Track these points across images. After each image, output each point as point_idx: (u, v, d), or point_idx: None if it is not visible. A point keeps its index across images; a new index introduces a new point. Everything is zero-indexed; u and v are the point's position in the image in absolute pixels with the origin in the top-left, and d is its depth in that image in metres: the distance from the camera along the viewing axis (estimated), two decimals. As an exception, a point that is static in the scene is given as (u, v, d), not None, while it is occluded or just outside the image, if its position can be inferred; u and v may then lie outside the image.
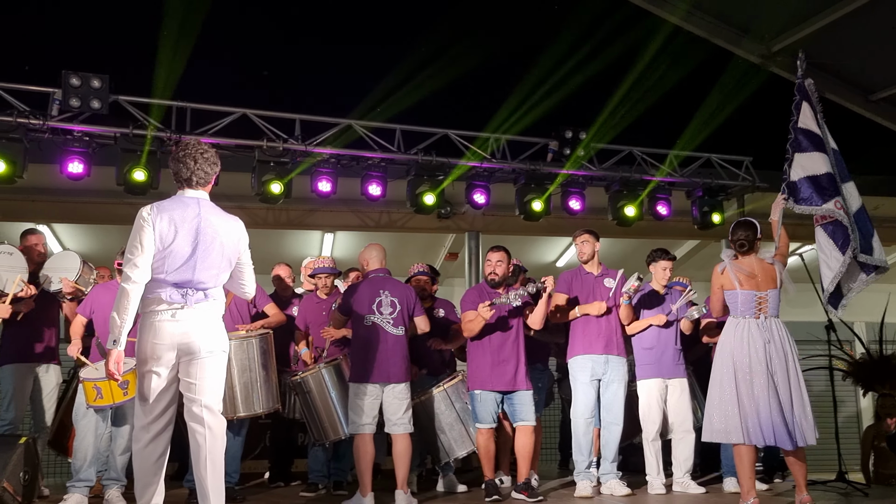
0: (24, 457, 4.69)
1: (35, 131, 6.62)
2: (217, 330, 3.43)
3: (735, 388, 4.23)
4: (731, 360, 4.29)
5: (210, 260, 3.39)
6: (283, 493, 5.54)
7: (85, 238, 9.21)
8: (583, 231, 5.46)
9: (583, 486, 5.15)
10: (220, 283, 3.48)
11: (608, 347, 5.20)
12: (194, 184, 3.51)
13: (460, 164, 7.53)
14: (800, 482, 4.31)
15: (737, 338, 4.31)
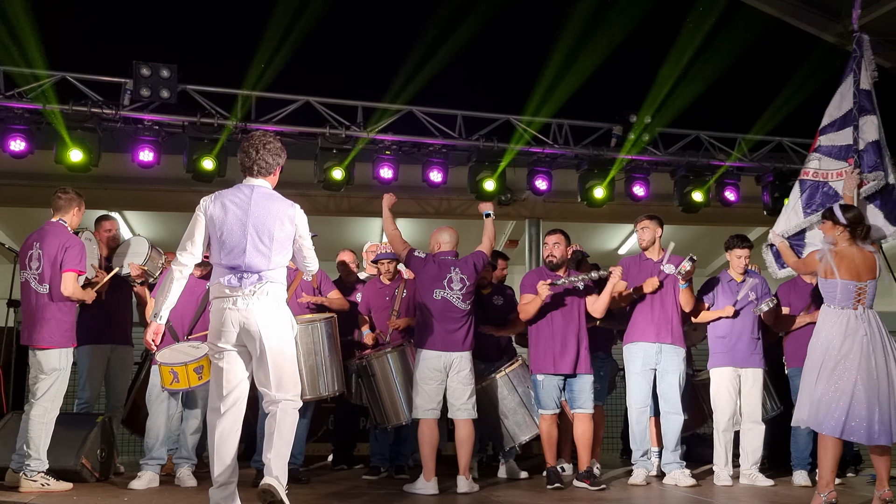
0: (101, 435, 4.90)
1: (108, 121, 6.85)
2: (275, 313, 3.47)
3: (829, 380, 4.05)
4: (826, 350, 4.10)
5: (261, 244, 3.47)
6: (346, 476, 5.62)
7: (154, 225, 9.52)
8: (644, 217, 5.35)
9: (637, 473, 5.11)
10: (276, 266, 3.51)
11: (661, 336, 5.10)
12: (255, 173, 3.60)
13: (534, 152, 7.44)
14: (883, 476, 4.13)
15: (836, 329, 4.12)
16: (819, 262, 4.24)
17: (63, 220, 4.66)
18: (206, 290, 4.99)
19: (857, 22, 5.04)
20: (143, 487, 4.67)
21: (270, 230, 3.48)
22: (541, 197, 7.93)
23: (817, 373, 4.09)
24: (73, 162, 6.71)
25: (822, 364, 4.07)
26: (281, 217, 3.54)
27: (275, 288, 3.49)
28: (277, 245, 3.50)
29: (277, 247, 3.50)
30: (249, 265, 3.44)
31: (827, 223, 4.30)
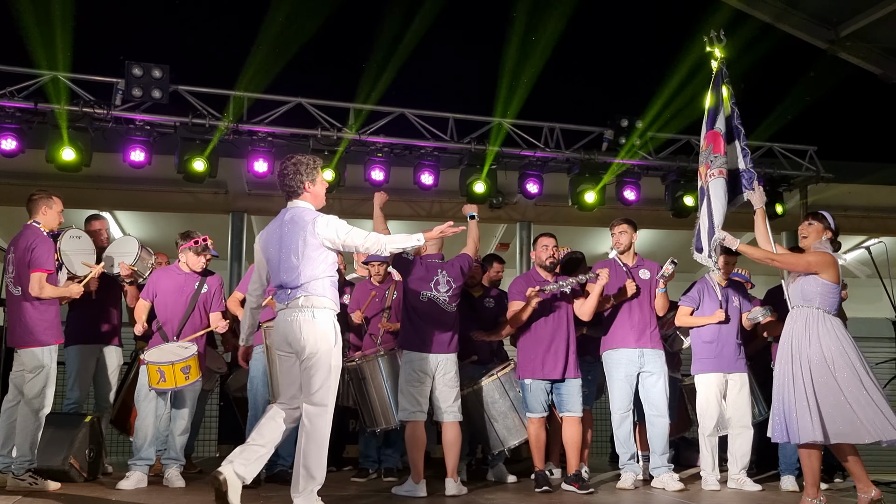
0: (90, 435, 4.89)
1: (99, 120, 6.83)
2: (309, 324, 3.64)
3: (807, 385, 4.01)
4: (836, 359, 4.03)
5: (289, 261, 3.70)
6: (335, 478, 5.60)
7: (145, 225, 9.50)
8: (621, 220, 5.35)
9: (625, 478, 5.11)
10: (308, 280, 3.67)
11: (641, 341, 5.11)
12: (287, 196, 3.84)
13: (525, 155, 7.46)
14: (864, 477, 4.11)
15: (843, 335, 4.07)
16: (833, 265, 4.13)
17: (36, 222, 4.67)
18: (194, 290, 4.99)
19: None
20: (132, 488, 4.66)
21: (295, 247, 3.69)
22: (532, 200, 7.94)
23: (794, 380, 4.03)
24: (65, 161, 6.70)
25: (835, 375, 3.96)
26: (303, 232, 3.70)
27: (310, 300, 3.65)
28: (305, 259, 3.68)
29: (305, 261, 3.67)
30: (285, 282, 3.71)
31: (816, 225, 4.28)
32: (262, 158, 7.14)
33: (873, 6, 7.73)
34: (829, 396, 3.91)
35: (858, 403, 3.89)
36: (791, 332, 4.12)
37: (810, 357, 4.00)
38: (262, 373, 5.02)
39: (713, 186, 4.72)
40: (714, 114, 4.93)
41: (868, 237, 8.80)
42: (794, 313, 4.18)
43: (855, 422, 3.88)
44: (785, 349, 4.12)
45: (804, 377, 3.98)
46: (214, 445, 7.27)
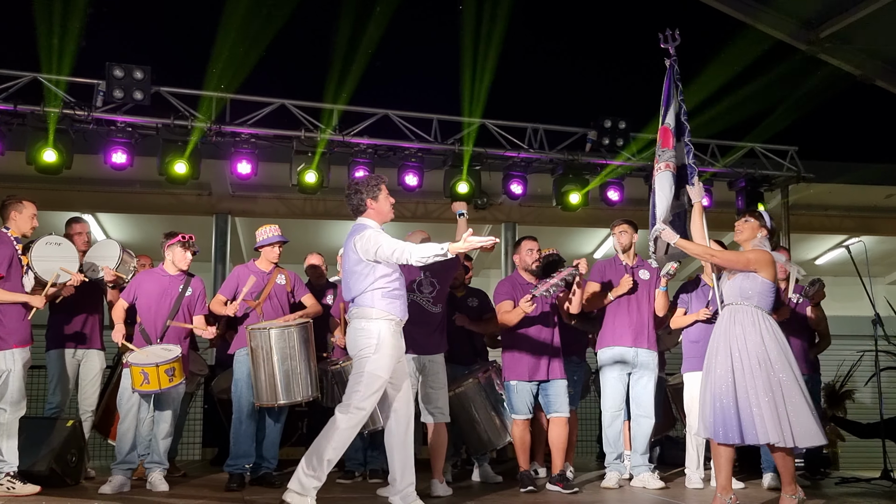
0: (71, 439, 4.83)
1: (80, 122, 6.77)
2: (355, 334, 3.92)
3: (748, 383, 3.91)
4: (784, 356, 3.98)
5: (344, 276, 4.07)
6: (320, 480, 5.59)
7: (128, 227, 9.44)
8: (622, 221, 5.39)
9: (610, 476, 5.13)
10: (357, 293, 3.94)
11: (637, 340, 5.14)
12: (353, 214, 4.12)
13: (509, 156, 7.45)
14: (792, 479, 4.03)
15: (780, 334, 4.06)
16: (771, 264, 4.07)
17: (6, 227, 4.63)
18: (179, 293, 4.96)
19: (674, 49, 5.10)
20: (114, 492, 4.62)
21: (345, 263, 4.03)
22: (516, 201, 7.96)
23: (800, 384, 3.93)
24: (46, 163, 6.63)
25: (777, 376, 3.89)
26: (347, 249, 3.99)
27: (360, 312, 3.92)
28: (351, 275, 3.97)
29: (352, 276, 3.97)
30: (346, 296, 4.05)
31: (752, 223, 4.20)
32: (246, 160, 7.11)
33: (852, 8, 7.81)
34: (766, 396, 3.83)
35: (794, 405, 3.83)
36: (727, 330, 4.01)
37: (751, 355, 3.90)
38: (246, 375, 4.99)
39: (658, 180, 4.76)
40: (665, 110, 4.96)
41: (848, 236, 8.93)
42: (730, 311, 4.06)
43: (786, 423, 3.81)
44: (720, 346, 4.00)
45: (745, 375, 3.88)
46: (199, 448, 7.23)
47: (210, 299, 5.28)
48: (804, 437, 3.82)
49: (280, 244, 5.24)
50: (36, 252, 4.80)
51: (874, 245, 9.77)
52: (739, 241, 4.23)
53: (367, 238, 3.91)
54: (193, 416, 6.66)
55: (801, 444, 3.84)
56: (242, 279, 5.12)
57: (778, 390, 3.85)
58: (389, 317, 3.91)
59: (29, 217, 4.69)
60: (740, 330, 3.97)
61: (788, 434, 3.80)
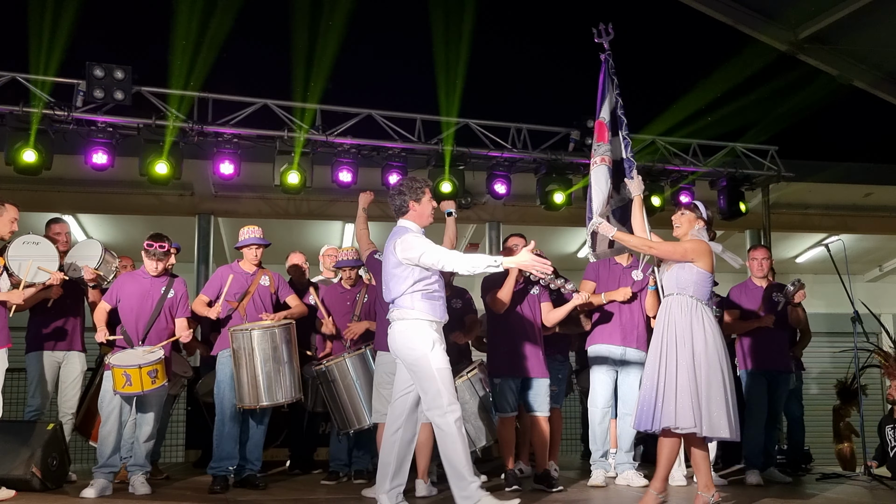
0: (52, 443, 4.77)
1: (60, 122, 6.70)
2: (398, 336, 3.92)
3: (690, 373, 3.90)
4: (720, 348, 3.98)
5: (384, 277, 4.03)
6: (305, 481, 5.58)
7: (110, 228, 9.34)
8: None
9: (596, 475, 5.16)
10: (397, 294, 3.92)
11: (627, 340, 5.16)
12: (396, 216, 4.11)
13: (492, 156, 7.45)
14: (709, 476, 3.99)
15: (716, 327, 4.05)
16: (708, 254, 4.05)
17: None
18: (161, 295, 4.92)
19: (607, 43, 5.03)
20: (96, 496, 4.58)
21: (385, 265, 4.02)
22: (500, 201, 7.98)
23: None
24: (25, 163, 6.54)
25: (719, 367, 3.87)
26: (388, 251, 3.99)
27: (400, 313, 3.92)
28: (391, 277, 3.95)
29: (392, 279, 3.95)
30: (386, 297, 4.04)
31: (688, 215, 4.18)
32: (228, 160, 7.06)
33: (830, 9, 7.91)
34: (690, 386, 3.81)
35: (712, 397, 3.81)
36: (667, 321, 3.99)
37: (693, 346, 3.87)
38: (228, 377, 4.96)
39: (595, 174, 4.69)
40: (600, 104, 4.92)
41: (828, 234, 9.04)
42: (669, 301, 4.06)
43: (699, 413, 3.79)
44: (661, 338, 3.98)
45: (687, 365, 3.85)
46: (182, 451, 7.18)
47: (192, 300, 5.24)
48: (715, 428, 3.79)
49: (259, 247, 5.18)
50: (12, 252, 4.74)
51: (853, 243, 9.91)
52: (678, 235, 4.21)
53: (409, 243, 3.90)
54: (176, 417, 6.61)
55: (709, 433, 3.81)
56: (226, 280, 5.09)
57: (702, 381, 3.82)
58: (430, 318, 3.92)
59: (9, 221, 4.64)
60: (674, 320, 3.97)
61: (699, 423, 3.77)
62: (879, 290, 11.43)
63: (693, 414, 3.78)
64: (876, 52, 8.51)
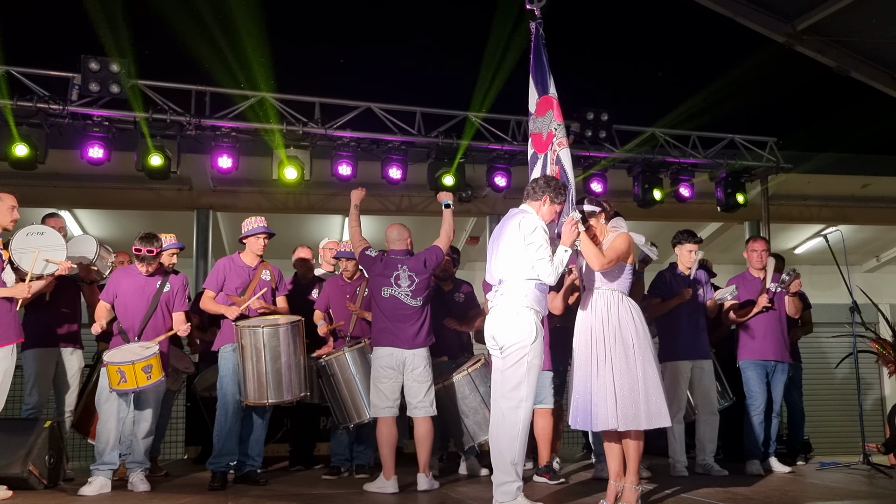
0: (49, 440, 4.74)
1: (55, 116, 6.64)
2: (504, 319, 3.78)
3: (609, 369, 3.85)
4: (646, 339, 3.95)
5: (496, 259, 3.90)
6: (306, 477, 5.57)
7: (106, 223, 9.29)
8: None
9: (601, 468, 5.14)
10: (511, 278, 3.79)
11: None
12: (524, 197, 3.99)
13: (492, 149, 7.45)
14: (637, 468, 3.93)
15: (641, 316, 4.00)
16: (631, 244, 4.02)
17: None
18: (156, 290, 4.88)
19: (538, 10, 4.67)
20: (94, 493, 4.55)
21: (502, 244, 3.86)
22: (501, 193, 7.96)
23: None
24: (17, 157, 6.49)
25: (635, 359, 3.84)
26: (509, 229, 3.85)
27: (508, 297, 3.79)
28: (511, 258, 3.80)
29: (511, 260, 3.80)
30: (492, 279, 3.91)
31: (596, 220, 4.05)
32: (227, 154, 7.02)
33: (828, 1, 7.88)
34: (627, 381, 3.78)
35: (647, 388, 3.78)
36: (594, 316, 3.93)
37: (623, 339, 3.84)
38: (232, 372, 4.92)
39: (564, 157, 4.36)
40: (543, 77, 4.61)
41: (826, 225, 9.04)
42: (592, 296, 3.97)
43: (638, 406, 3.76)
44: (585, 333, 3.94)
45: (622, 361, 3.81)
46: (181, 447, 7.15)
47: (193, 295, 5.20)
48: (655, 418, 3.77)
49: (266, 236, 5.12)
50: (16, 244, 4.64)
51: (851, 234, 9.91)
52: (601, 238, 4.05)
53: (534, 230, 3.75)
54: (176, 414, 6.57)
55: (649, 425, 3.78)
56: (228, 271, 5.04)
57: (639, 373, 3.79)
58: (538, 308, 3.81)
59: (8, 209, 4.56)
60: (598, 316, 3.91)
61: (639, 418, 3.75)
62: (877, 279, 11.46)
63: (632, 411, 3.75)
64: (873, 43, 8.48)
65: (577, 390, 3.93)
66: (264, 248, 5.13)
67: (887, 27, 8.16)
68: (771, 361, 5.51)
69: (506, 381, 3.79)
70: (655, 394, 3.80)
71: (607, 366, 3.82)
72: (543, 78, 4.62)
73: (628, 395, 3.77)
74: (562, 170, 4.38)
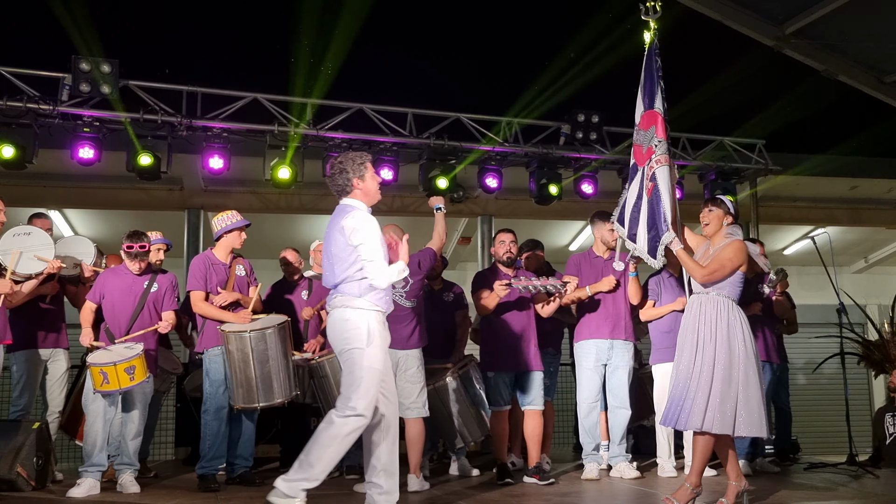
0: (38, 442, 4.72)
1: (45, 116, 6.61)
2: (336, 326, 3.60)
3: (713, 373, 3.88)
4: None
5: (326, 261, 3.69)
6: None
7: (97, 223, 9.24)
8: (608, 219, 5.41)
9: (590, 468, 5.18)
10: (341, 279, 3.61)
11: (615, 332, 5.19)
12: (338, 196, 3.77)
13: (475, 148, 7.49)
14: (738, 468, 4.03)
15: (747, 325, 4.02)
16: (746, 254, 3.99)
17: None
18: (143, 290, 4.87)
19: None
20: (83, 495, 4.52)
21: (329, 246, 3.66)
22: (492, 194, 7.98)
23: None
24: (4, 158, 6.47)
25: (739, 366, 3.85)
26: (336, 231, 3.63)
27: (343, 300, 3.60)
28: (337, 260, 3.62)
29: (337, 262, 3.61)
30: (326, 282, 3.71)
31: (716, 211, 4.08)
32: (218, 154, 7.00)
33: (816, 4, 7.94)
34: (726, 387, 3.80)
35: (746, 395, 3.80)
36: (702, 320, 3.93)
37: (730, 345, 3.86)
38: (220, 376, 4.89)
39: (661, 175, 4.32)
40: (651, 91, 4.61)
41: (815, 226, 9.12)
42: (700, 300, 3.98)
43: (733, 412, 3.78)
44: (686, 337, 3.95)
45: (724, 366, 3.83)
46: (171, 448, 7.13)
47: (182, 296, 5.18)
48: (751, 427, 3.79)
49: (243, 229, 5.08)
50: (2, 245, 4.64)
51: (839, 235, 10.00)
52: (708, 232, 4.12)
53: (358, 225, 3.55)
54: (166, 414, 6.56)
55: (746, 433, 3.82)
56: (209, 269, 4.98)
57: (735, 381, 3.82)
58: (376, 307, 3.61)
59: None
60: (706, 320, 3.94)
61: (732, 424, 3.78)
62: (865, 281, 11.55)
63: (726, 416, 3.77)
64: (861, 46, 8.56)
65: (674, 391, 3.93)
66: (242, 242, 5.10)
67: (875, 31, 8.24)
68: (760, 362, 5.54)
69: (346, 387, 3.53)
70: (755, 403, 3.80)
71: (709, 370, 3.83)
72: (652, 91, 4.60)
73: (726, 400, 3.78)
74: (655, 187, 4.32)
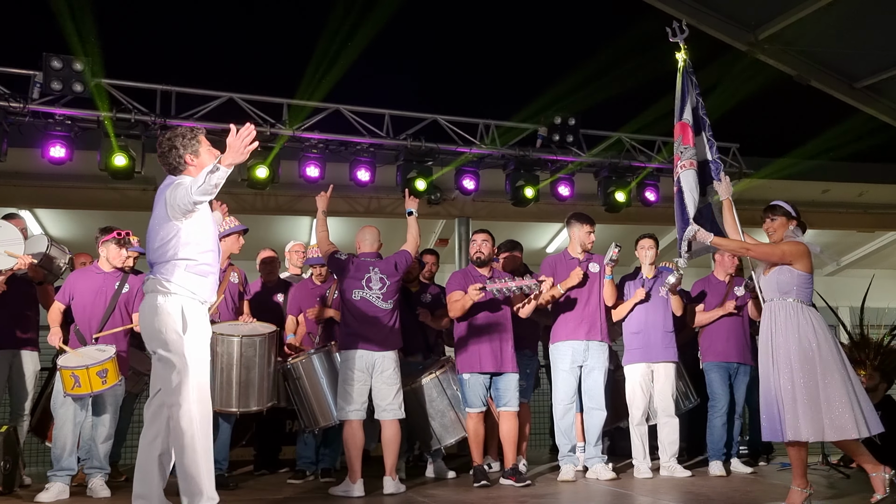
0: (5, 446, 4.62)
1: (15, 115, 6.50)
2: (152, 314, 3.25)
3: (793, 380, 3.85)
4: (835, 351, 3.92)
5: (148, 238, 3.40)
6: (271, 481, 5.51)
7: (69, 223, 9.10)
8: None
9: (566, 470, 5.19)
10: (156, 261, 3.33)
11: (590, 333, 5.21)
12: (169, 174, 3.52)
13: (452, 150, 7.50)
14: (870, 458, 3.97)
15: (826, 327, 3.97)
16: (806, 255, 3.97)
17: None
18: (115, 290, 4.79)
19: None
20: (52, 500, 4.44)
21: (151, 222, 3.39)
22: (469, 196, 7.99)
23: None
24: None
25: (816, 369, 3.82)
26: (158, 206, 3.36)
27: (155, 283, 3.30)
28: (154, 237, 3.32)
29: (155, 239, 3.32)
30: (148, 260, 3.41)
31: (779, 220, 4.11)
32: (192, 155, 6.92)
33: (788, 10, 8.06)
34: (808, 392, 3.76)
35: (830, 399, 3.75)
36: (774, 328, 3.92)
37: (802, 350, 3.82)
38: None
39: (684, 178, 4.69)
40: (682, 105, 4.93)
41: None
42: (771, 307, 3.98)
43: (820, 418, 3.75)
44: (764, 346, 3.95)
45: (800, 372, 3.80)
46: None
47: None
48: (840, 430, 3.74)
49: (241, 234, 5.06)
50: None
51: (812, 238, 10.00)
52: (775, 241, 4.10)
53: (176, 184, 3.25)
54: (137, 417, 6.45)
55: (836, 437, 3.79)
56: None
57: (819, 384, 3.77)
58: (192, 295, 3.30)
59: None
60: (778, 328, 3.91)
61: (820, 429, 3.75)
62: (837, 283, 11.71)
63: (813, 422, 3.74)
64: (832, 52, 8.70)
65: (763, 404, 3.92)
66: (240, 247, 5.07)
67: (845, 38, 8.39)
68: (734, 364, 5.61)
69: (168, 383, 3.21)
70: (839, 404, 3.74)
71: (788, 378, 3.80)
72: (682, 105, 4.93)
73: (812, 406, 3.75)
74: (679, 190, 4.65)
